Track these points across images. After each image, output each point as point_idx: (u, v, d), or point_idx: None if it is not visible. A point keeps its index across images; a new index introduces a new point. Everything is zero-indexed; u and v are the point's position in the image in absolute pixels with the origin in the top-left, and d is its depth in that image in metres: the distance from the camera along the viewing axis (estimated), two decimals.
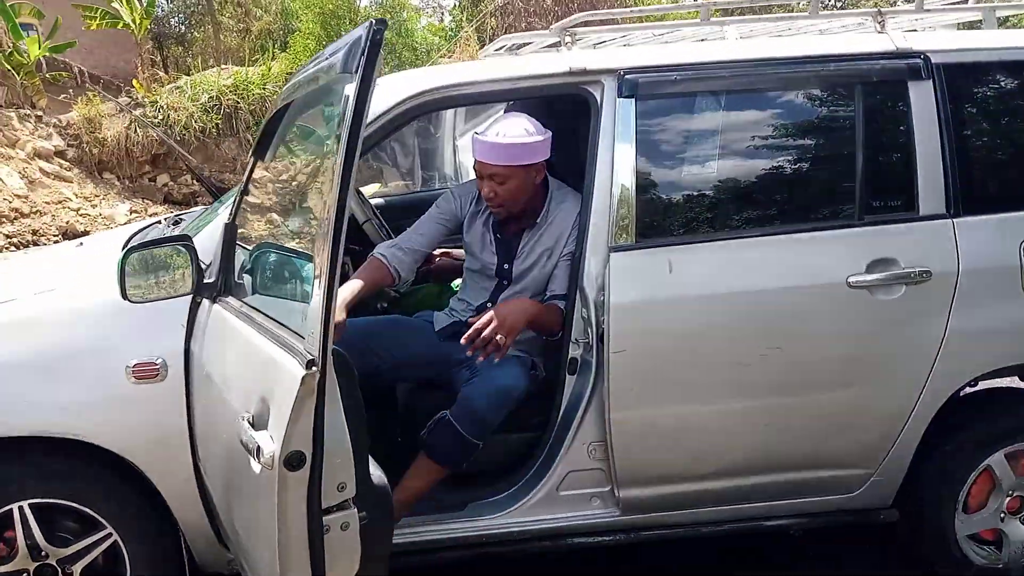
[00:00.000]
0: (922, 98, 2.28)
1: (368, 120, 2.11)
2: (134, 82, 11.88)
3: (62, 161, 10.02)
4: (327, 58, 1.68)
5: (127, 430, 2.03)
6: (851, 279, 2.21)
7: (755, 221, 2.29)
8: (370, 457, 1.55)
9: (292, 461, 1.34)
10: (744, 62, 2.27)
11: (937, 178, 2.27)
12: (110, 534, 2.12)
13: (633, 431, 2.22)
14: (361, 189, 3.26)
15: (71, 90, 10.81)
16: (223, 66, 12.88)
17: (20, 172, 9.36)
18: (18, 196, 9.13)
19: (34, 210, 9.06)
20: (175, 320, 2.02)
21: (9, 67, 10.37)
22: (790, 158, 2.29)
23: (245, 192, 2.16)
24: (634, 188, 2.20)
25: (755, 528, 2.41)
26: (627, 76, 2.21)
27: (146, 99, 11.16)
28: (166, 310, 2.03)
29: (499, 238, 2.48)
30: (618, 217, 2.19)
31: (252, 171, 2.24)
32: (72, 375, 2.03)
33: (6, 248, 8.07)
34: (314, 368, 1.30)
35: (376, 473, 1.52)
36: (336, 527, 1.39)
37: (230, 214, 2.08)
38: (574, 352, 2.27)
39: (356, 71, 1.38)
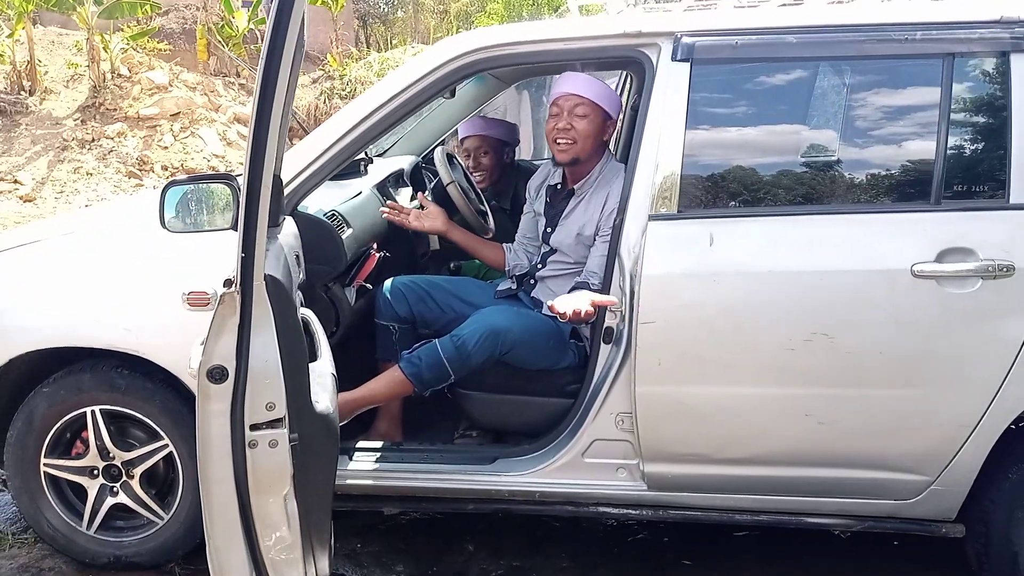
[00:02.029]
0: None
1: (415, 79, 2.24)
2: (329, 56, 12.71)
3: None
4: None
5: (181, 351, 2.22)
6: (917, 267, 2.02)
7: (810, 197, 2.14)
8: (326, 385, 1.62)
9: (215, 374, 1.44)
10: (813, 28, 2.11)
11: None
12: (166, 445, 2.34)
13: (659, 406, 2.16)
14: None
15: None
16: (411, 44, 13.50)
17: (220, 135, 10.30)
18: (216, 156, 10.07)
19: (229, 169, 9.94)
20: (229, 254, 2.19)
21: (220, 39, 11.41)
22: (858, 132, 2.12)
23: None
24: (681, 155, 2.12)
25: (795, 523, 2.28)
26: (683, 39, 2.12)
27: (337, 72, 11.92)
28: (222, 244, 2.20)
29: (548, 203, 2.50)
30: (661, 185, 2.13)
31: None
32: (138, 298, 2.27)
33: None
34: (232, 287, 1.38)
35: (322, 401, 1.58)
36: (264, 443, 1.47)
37: None
38: (610, 321, 2.23)
39: None
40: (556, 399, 2.40)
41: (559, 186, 2.56)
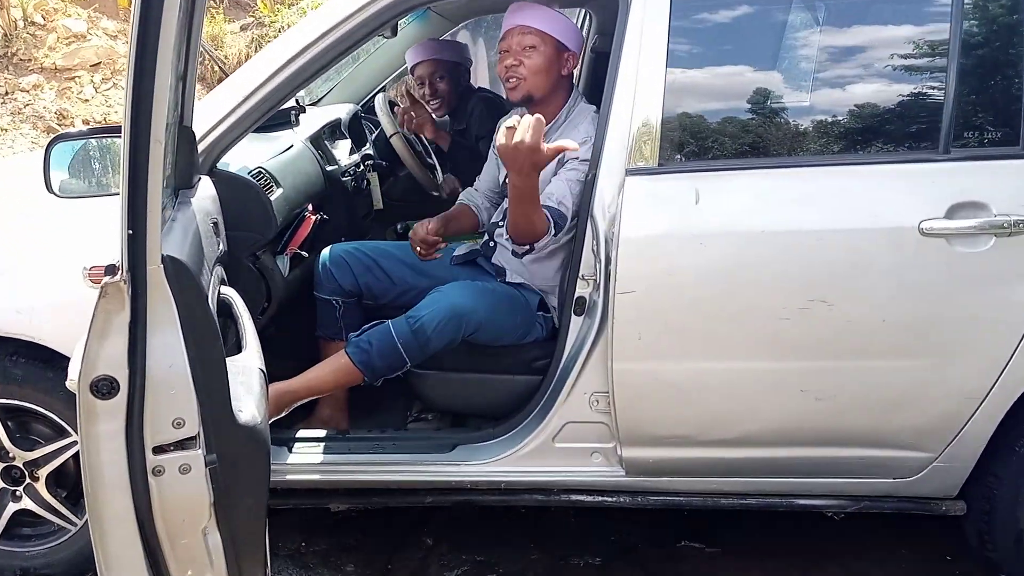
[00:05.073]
0: None
1: (349, 12, 1.92)
2: (259, 1, 12.03)
3: None
4: None
5: (84, 335, 1.91)
6: (925, 225, 1.80)
7: (807, 147, 1.90)
8: (251, 386, 1.33)
9: (100, 387, 1.14)
10: None
11: None
12: (75, 442, 2.03)
13: (638, 385, 1.93)
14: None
15: None
16: None
17: None
18: None
19: None
20: None
21: None
22: (859, 73, 1.87)
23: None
24: (661, 99, 1.85)
25: (786, 506, 2.09)
26: None
27: (267, 18, 11.29)
28: None
29: None
30: (639, 134, 1.86)
31: None
32: (31, 276, 1.93)
33: None
34: (118, 275, 1.08)
35: (247, 409, 1.29)
36: (172, 469, 1.18)
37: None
38: (582, 290, 1.98)
39: None
40: (522, 376, 2.15)
41: None
